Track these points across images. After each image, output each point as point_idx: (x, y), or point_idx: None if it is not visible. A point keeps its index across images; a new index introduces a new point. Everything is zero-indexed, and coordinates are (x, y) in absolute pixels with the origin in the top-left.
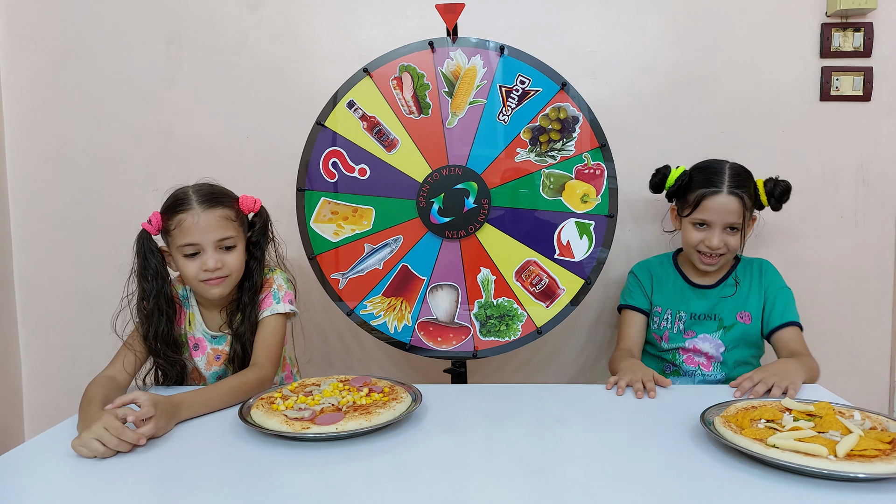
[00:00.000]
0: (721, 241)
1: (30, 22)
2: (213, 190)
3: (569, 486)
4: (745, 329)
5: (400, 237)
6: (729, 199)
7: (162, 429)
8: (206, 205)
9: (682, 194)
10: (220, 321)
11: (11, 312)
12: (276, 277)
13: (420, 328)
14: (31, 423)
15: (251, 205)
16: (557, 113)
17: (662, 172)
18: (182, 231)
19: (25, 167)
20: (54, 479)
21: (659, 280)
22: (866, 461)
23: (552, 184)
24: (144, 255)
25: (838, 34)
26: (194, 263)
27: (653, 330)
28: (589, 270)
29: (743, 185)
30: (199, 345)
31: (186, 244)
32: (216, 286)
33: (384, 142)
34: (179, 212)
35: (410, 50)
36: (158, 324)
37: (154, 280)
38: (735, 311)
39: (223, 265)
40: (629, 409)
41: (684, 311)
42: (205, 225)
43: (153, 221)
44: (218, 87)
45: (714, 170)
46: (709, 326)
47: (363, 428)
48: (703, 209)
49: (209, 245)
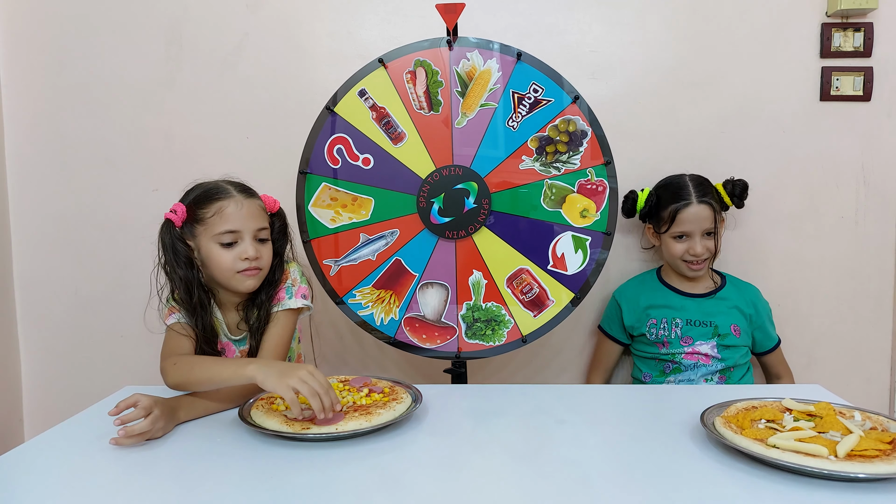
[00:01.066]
0: (703, 247)
1: (30, 22)
2: (244, 184)
3: (569, 487)
4: (737, 340)
5: (396, 231)
6: (700, 207)
7: (161, 429)
8: (245, 194)
9: (653, 213)
10: (237, 319)
11: (11, 312)
12: (292, 271)
13: (406, 323)
14: (30, 423)
15: (272, 204)
16: (567, 125)
17: (631, 198)
18: (223, 217)
19: (25, 167)
20: (54, 479)
21: (647, 296)
22: (867, 461)
23: (553, 195)
24: (173, 245)
25: (838, 34)
26: (231, 252)
27: (652, 339)
28: (579, 285)
29: (707, 192)
30: (225, 349)
31: (227, 231)
32: (252, 277)
33: (391, 134)
34: (217, 199)
35: (427, 45)
36: (204, 317)
37: (190, 268)
38: (729, 322)
39: (260, 255)
40: (629, 410)
41: (680, 318)
42: (247, 213)
43: (178, 211)
44: (218, 88)
45: (678, 185)
46: (705, 333)
47: (363, 428)
48: (680, 222)
49: (248, 234)
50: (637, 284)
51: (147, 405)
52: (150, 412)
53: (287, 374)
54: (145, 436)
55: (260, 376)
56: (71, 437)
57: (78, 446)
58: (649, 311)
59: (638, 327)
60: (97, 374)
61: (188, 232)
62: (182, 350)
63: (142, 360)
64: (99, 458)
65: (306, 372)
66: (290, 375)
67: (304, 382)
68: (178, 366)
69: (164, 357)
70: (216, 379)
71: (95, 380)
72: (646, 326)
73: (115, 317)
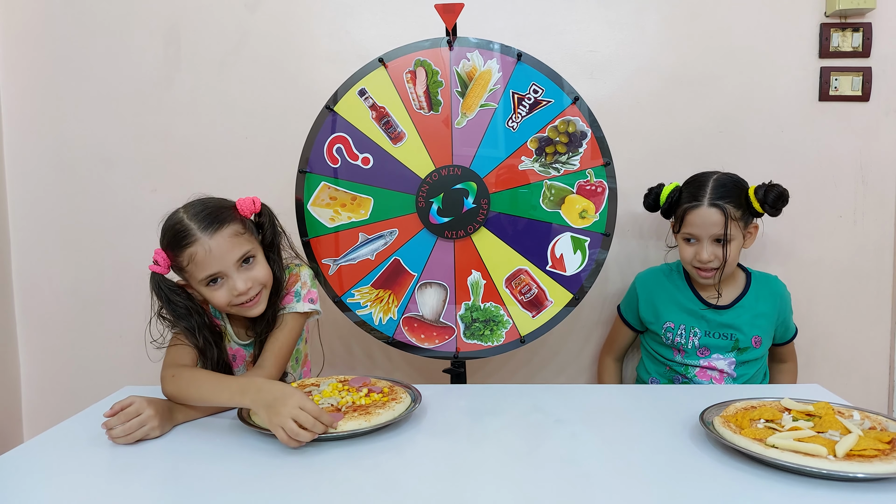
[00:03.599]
0: (710, 255)
1: (29, 22)
2: (209, 208)
3: (568, 486)
4: (757, 352)
5: (395, 230)
6: (710, 211)
7: (156, 429)
8: (211, 229)
9: (673, 210)
10: (246, 326)
11: (10, 313)
12: (303, 274)
13: (405, 323)
14: (29, 424)
15: (251, 206)
16: (566, 126)
17: (655, 191)
18: (197, 265)
19: (24, 167)
20: (53, 480)
21: (668, 293)
22: (865, 461)
23: (553, 196)
24: (167, 297)
25: (837, 34)
26: (221, 291)
27: (666, 344)
28: (578, 286)
29: (726, 196)
30: (236, 356)
31: (207, 276)
32: (254, 306)
33: (391, 134)
34: (185, 246)
35: (428, 45)
36: (212, 355)
37: (191, 316)
38: (751, 334)
39: (252, 282)
40: (629, 410)
41: (698, 328)
42: (218, 252)
43: (160, 261)
44: (216, 88)
45: (698, 183)
46: (724, 346)
47: (362, 428)
48: (688, 224)
49: (231, 268)
50: (660, 276)
51: (138, 407)
52: (140, 414)
53: (274, 409)
54: (135, 436)
55: (253, 408)
56: (70, 437)
57: (77, 446)
58: (668, 311)
59: (654, 323)
60: (96, 374)
61: (180, 276)
62: (184, 360)
63: (141, 361)
64: (98, 458)
65: (294, 408)
66: (277, 412)
67: (288, 420)
68: (176, 378)
69: (165, 366)
70: (213, 402)
71: (94, 380)
72: (662, 329)
73: (114, 317)
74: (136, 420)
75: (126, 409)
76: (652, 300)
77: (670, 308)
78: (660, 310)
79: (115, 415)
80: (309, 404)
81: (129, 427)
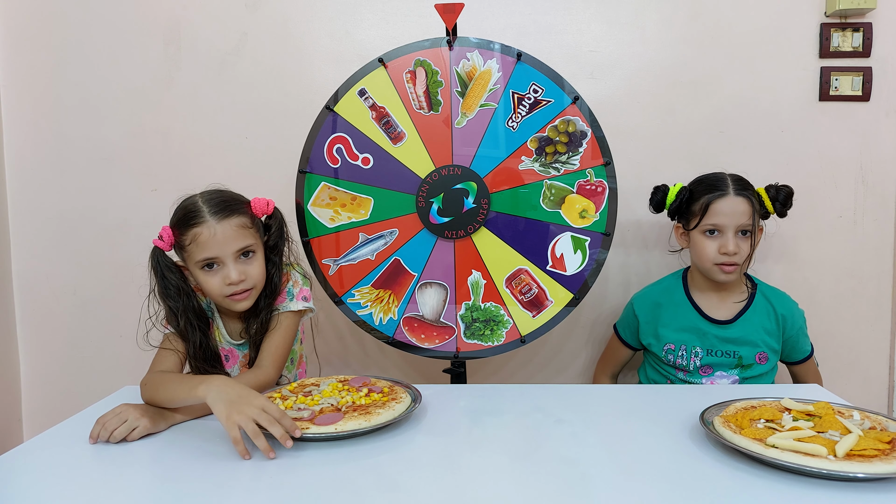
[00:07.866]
0: (736, 246)
1: (29, 22)
2: (224, 197)
3: (568, 486)
4: (762, 368)
5: (395, 230)
6: (738, 199)
7: (146, 427)
8: (220, 215)
9: (685, 209)
10: (240, 328)
11: (10, 312)
12: (293, 273)
13: (405, 323)
14: (29, 423)
15: (264, 207)
16: (566, 126)
17: (662, 190)
18: (199, 246)
19: (24, 167)
20: (53, 479)
21: (668, 313)
22: (865, 461)
23: (553, 196)
24: (162, 273)
25: (837, 34)
26: (216, 277)
27: (667, 364)
28: (578, 286)
29: (748, 187)
30: (229, 356)
31: (205, 259)
32: (242, 300)
33: (391, 134)
34: (192, 226)
35: (428, 45)
36: (195, 339)
37: (179, 297)
38: (754, 352)
39: (246, 276)
40: (629, 409)
41: (700, 348)
42: (222, 237)
43: (165, 237)
44: (216, 88)
45: (716, 178)
46: (727, 364)
47: (362, 428)
48: (713, 213)
49: (229, 257)
50: (658, 295)
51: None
52: (126, 419)
53: (236, 406)
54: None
55: (209, 400)
56: (70, 437)
57: (77, 446)
58: (668, 333)
59: (654, 345)
60: (96, 374)
61: (180, 256)
62: (164, 366)
63: (140, 360)
64: (98, 458)
65: (257, 409)
66: (238, 410)
67: (249, 420)
68: (147, 385)
69: (147, 373)
70: (175, 399)
71: (94, 380)
72: (662, 351)
73: (113, 317)
74: (117, 418)
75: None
76: (651, 323)
77: (670, 329)
78: (660, 332)
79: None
80: (272, 407)
81: (111, 424)
